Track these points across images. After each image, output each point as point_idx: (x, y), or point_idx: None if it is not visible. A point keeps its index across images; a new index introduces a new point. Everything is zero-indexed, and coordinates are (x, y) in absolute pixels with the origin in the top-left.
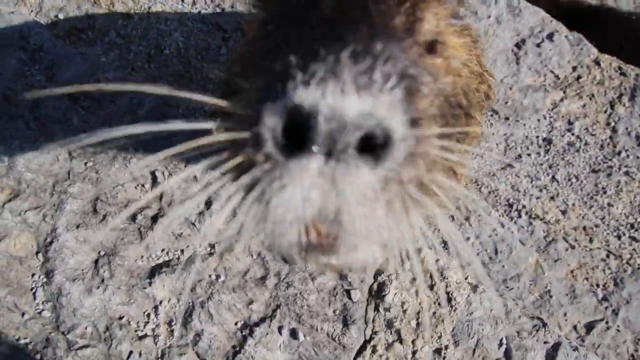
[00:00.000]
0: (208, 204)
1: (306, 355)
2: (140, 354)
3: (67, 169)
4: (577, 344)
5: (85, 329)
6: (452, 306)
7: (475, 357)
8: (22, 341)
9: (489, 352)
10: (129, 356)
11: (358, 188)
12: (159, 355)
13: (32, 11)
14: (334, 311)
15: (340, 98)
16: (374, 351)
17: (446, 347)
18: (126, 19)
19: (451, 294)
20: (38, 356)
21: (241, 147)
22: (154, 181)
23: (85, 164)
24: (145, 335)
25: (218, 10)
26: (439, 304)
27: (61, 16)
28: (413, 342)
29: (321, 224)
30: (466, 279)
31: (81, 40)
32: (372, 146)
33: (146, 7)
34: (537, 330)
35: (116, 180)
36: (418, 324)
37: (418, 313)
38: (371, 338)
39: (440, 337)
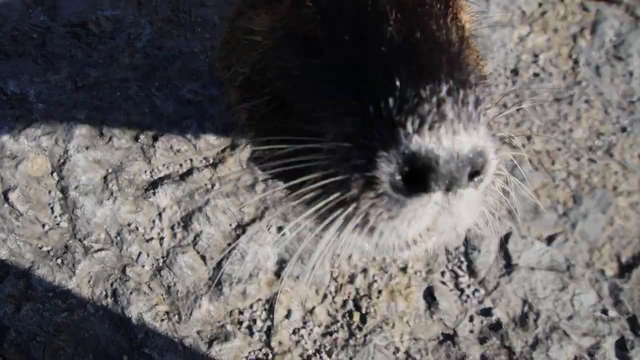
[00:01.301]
0: (200, 123)
1: (292, 249)
2: (148, 254)
3: (75, 99)
4: (526, 234)
5: (99, 235)
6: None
7: (438, 245)
8: (45, 249)
9: (449, 241)
10: (138, 256)
11: (468, 204)
12: (165, 254)
13: None
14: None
15: (453, 139)
16: None
17: None
18: None
19: None
20: (59, 261)
21: (343, 186)
22: (153, 106)
23: (90, 93)
24: (152, 238)
25: None
26: None
27: None
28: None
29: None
30: None
31: None
32: (477, 171)
33: None
34: (492, 222)
35: (119, 107)
36: None
37: None
38: None
39: None
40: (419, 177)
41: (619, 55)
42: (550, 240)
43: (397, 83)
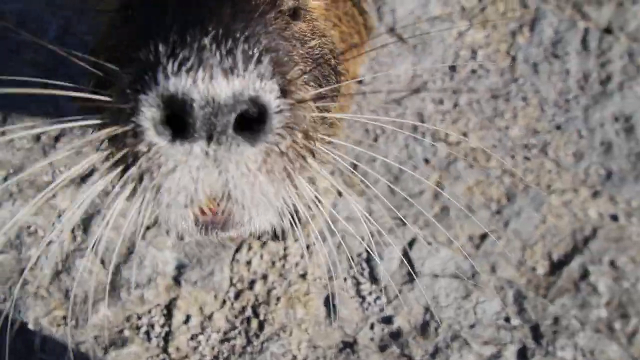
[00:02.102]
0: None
1: (191, 254)
2: (47, 258)
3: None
4: (429, 240)
5: None
6: (319, 209)
7: (340, 252)
8: None
9: (352, 248)
10: (37, 259)
11: (240, 164)
12: (64, 258)
13: None
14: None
15: (210, 83)
16: (250, 248)
17: (314, 244)
18: None
19: (319, 197)
20: None
21: (122, 140)
22: (57, 106)
23: None
24: (51, 241)
25: None
26: (308, 206)
27: None
28: (285, 240)
29: (214, 202)
30: (332, 185)
31: None
32: (250, 123)
33: None
34: (397, 228)
35: (22, 106)
36: (290, 225)
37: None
38: (248, 237)
39: (308, 235)
40: (179, 121)
41: (557, 53)
42: (483, 238)
43: (170, 32)
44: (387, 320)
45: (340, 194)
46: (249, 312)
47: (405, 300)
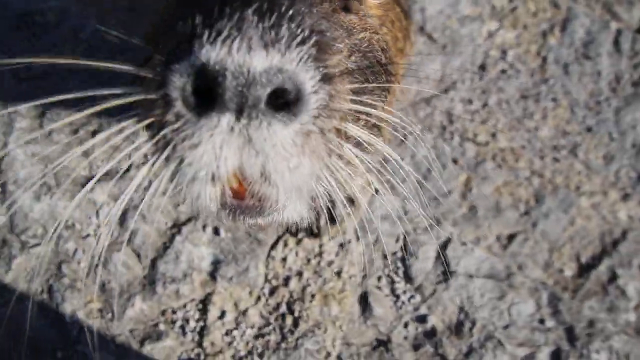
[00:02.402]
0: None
1: (227, 250)
2: (83, 251)
3: (17, 91)
4: (464, 241)
5: (36, 230)
6: (355, 207)
7: (375, 250)
8: None
9: (387, 246)
10: (74, 253)
11: (277, 144)
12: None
13: None
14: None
15: (247, 54)
16: (286, 245)
17: (349, 242)
18: None
19: (354, 195)
20: None
21: (151, 108)
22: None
23: (33, 85)
24: (88, 235)
25: None
26: (344, 204)
27: None
28: (320, 237)
29: (248, 184)
30: (369, 183)
31: None
32: (286, 102)
33: None
34: (432, 228)
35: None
36: (325, 222)
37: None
38: (284, 234)
39: (344, 233)
40: (210, 93)
41: (588, 54)
42: (510, 239)
43: (211, 3)
44: (421, 319)
45: (376, 192)
46: (283, 308)
47: (439, 299)
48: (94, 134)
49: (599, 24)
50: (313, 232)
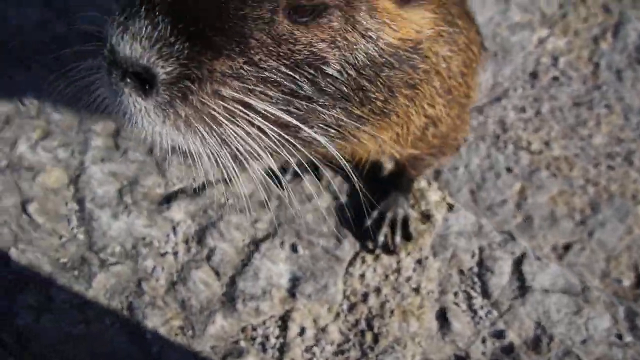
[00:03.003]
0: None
1: (305, 267)
2: (162, 269)
3: (91, 111)
4: (544, 255)
5: (115, 248)
6: (431, 222)
7: (451, 266)
8: (62, 260)
9: (463, 262)
10: (153, 270)
11: (140, 106)
12: (179, 269)
13: None
14: (328, 228)
15: (120, 41)
16: (363, 261)
17: (426, 258)
18: None
19: (430, 212)
20: (76, 273)
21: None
22: None
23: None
24: (166, 253)
25: None
26: (420, 221)
27: None
28: (397, 253)
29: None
30: (443, 199)
31: None
32: (144, 84)
33: None
34: (506, 243)
35: None
36: (401, 239)
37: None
38: (361, 251)
39: (421, 249)
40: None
41: None
42: (566, 248)
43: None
44: (499, 334)
45: (451, 207)
46: (362, 324)
47: (516, 315)
48: (169, 152)
49: None
50: (390, 249)
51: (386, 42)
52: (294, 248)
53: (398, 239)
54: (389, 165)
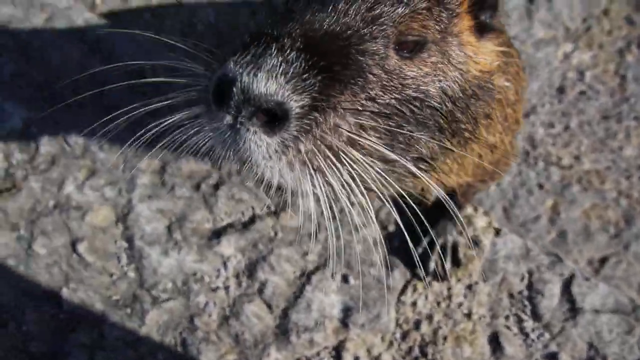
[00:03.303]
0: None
1: (357, 296)
2: (215, 304)
3: (135, 148)
4: (590, 275)
5: (166, 284)
6: (480, 248)
7: (501, 290)
8: (114, 298)
9: (513, 285)
10: (205, 305)
11: (260, 146)
12: (231, 304)
13: None
14: (379, 257)
15: (253, 78)
16: (415, 290)
17: (476, 283)
18: None
19: (478, 238)
20: (129, 310)
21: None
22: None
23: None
24: (218, 288)
25: None
26: (468, 246)
27: (98, 1)
28: (448, 280)
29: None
30: (490, 224)
31: (119, 22)
32: (273, 118)
33: None
34: (554, 265)
35: (180, 156)
36: (453, 264)
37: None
38: (412, 279)
39: (470, 275)
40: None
41: None
42: (602, 262)
43: (263, 29)
44: (552, 356)
45: (498, 232)
46: (416, 352)
47: (568, 336)
48: (216, 187)
49: None
50: (440, 276)
51: (472, 74)
52: (345, 279)
53: (448, 265)
54: (439, 193)
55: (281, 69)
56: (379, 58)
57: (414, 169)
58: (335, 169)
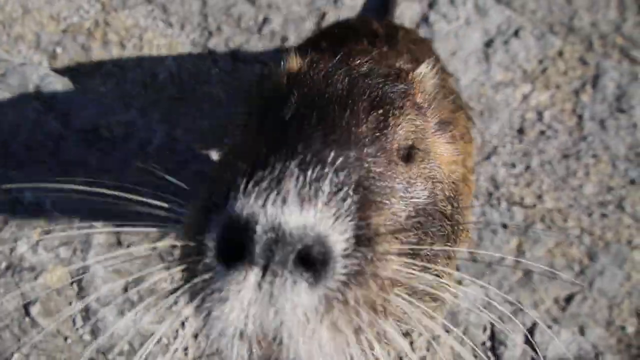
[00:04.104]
0: None
1: None
2: None
3: (90, 207)
4: (551, 322)
5: (123, 347)
6: (441, 300)
7: (464, 343)
8: None
9: (475, 337)
10: None
11: (298, 307)
12: None
13: (30, 47)
14: None
15: (280, 209)
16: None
17: (438, 336)
18: (120, 48)
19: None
20: None
21: (188, 253)
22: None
23: (106, 200)
24: (177, 349)
25: (206, 33)
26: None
27: (59, 50)
28: (410, 334)
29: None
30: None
31: (80, 74)
32: (313, 263)
33: (137, 35)
34: (516, 314)
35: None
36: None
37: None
38: None
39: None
40: (241, 246)
41: (622, 107)
42: (568, 300)
43: (259, 150)
44: None
45: (460, 283)
46: None
47: None
48: (173, 245)
49: (629, 77)
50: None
51: (446, 171)
52: None
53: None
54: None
55: (312, 190)
56: (391, 169)
57: (446, 286)
58: (383, 321)
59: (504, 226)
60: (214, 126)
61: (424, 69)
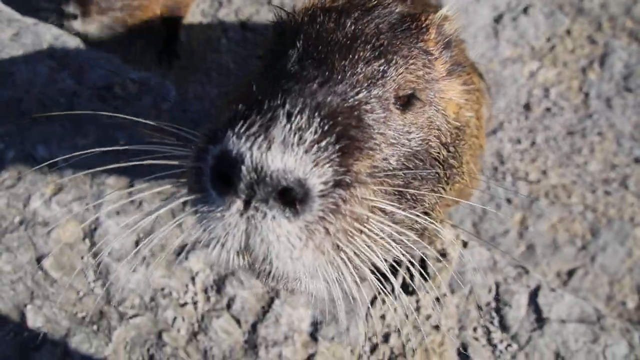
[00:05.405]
0: None
1: (326, 310)
2: (183, 319)
3: (103, 163)
4: (557, 287)
5: (134, 300)
6: (447, 260)
7: (470, 302)
8: (80, 315)
9: (480, 297)
10: (173, 321)
11: (281, 235)
12: (200, 319)
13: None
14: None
15: (265, 153)
16: (383, 303)
17: (444, 295)
18: None
19: (445, 250)
20: (95, 327)
21: (188, 176)
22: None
23: (118, 157)
24: (186, 303)
25: (216, 4)
26: (437, 259)
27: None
28: (417, 293)
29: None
30: (457, 237)
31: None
32: (293, 198)
33: None
34: (521, 277)
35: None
36: (421, 277)
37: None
38: (380, 292)
39: (439, 287)
40: (229, 179)
41: (629, 86)
42: (570, 274)
43: (259, 95)
44: None
45: (465, 245)
46: None
47: (535, 346)
48: (185, 203)
49: (637, 56)
50: (409, 289)
51: (451, 116)
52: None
53: (416, 279)
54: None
55: (296, 138)
56: (385, 116)
57: (427, 223)
58: (360, 243)
59: (509, 201)
60: (224, 94)
61: (444, 11)
